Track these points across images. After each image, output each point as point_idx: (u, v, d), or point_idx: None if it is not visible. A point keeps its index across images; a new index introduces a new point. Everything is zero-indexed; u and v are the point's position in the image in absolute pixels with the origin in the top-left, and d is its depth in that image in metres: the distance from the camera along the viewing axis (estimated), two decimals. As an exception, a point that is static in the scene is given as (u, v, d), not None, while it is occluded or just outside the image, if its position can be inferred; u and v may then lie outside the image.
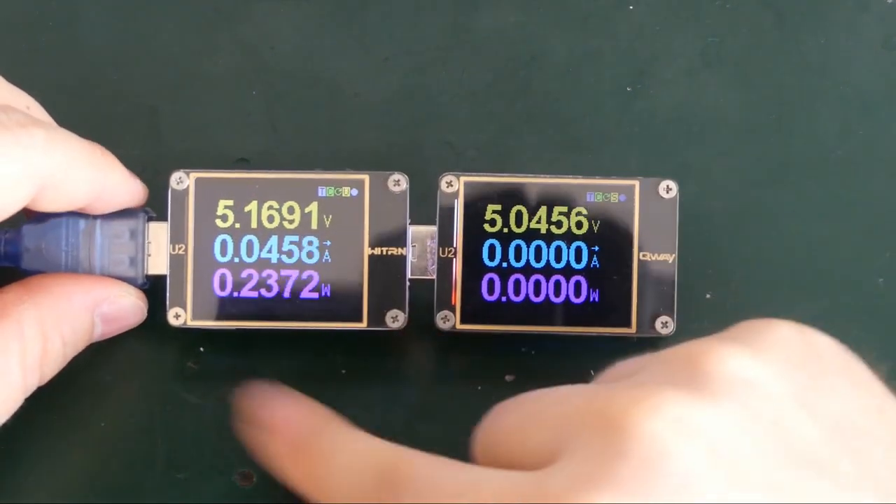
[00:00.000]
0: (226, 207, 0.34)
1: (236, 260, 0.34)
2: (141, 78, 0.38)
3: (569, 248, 0.34)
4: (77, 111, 0.35)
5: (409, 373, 0.35)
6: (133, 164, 0.34)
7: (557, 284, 0.34)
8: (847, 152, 0.38)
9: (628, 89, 0.38)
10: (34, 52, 0.38)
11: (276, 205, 0.34)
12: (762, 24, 0.39)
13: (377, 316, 0.34)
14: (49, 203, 0.32)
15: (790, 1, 0.39)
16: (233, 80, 0.38)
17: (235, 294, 0.34)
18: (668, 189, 0.34)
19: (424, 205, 0.35)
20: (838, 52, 0.39)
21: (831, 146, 0.38)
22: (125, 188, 0.34)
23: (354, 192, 0.34)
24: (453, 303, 0.34)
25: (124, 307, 0.34)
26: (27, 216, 0.34)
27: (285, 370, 0.35)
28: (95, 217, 0.34)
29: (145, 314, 0.34)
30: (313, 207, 0.34)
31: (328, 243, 0.34)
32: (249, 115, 0.38)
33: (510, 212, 0.34)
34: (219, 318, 0.34)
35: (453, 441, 0.34)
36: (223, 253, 0.34)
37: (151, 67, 0.38)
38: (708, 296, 0.36)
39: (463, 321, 0.34)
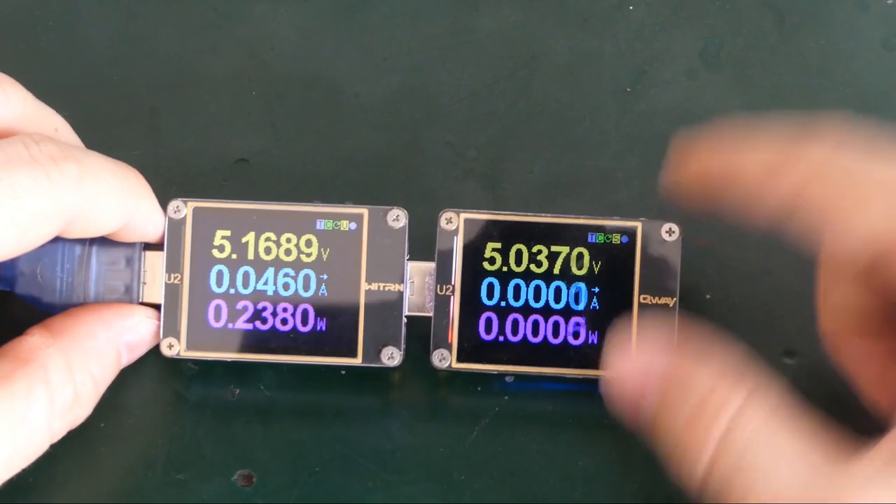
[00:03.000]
0: (223, 238, 0.34)
1: (232, 291, 0.34)
2: (141, 78, 0.38)
3: (568, 288, 0.34)
4: (77, 111, 0.35)
5: (410, 373, 0.35)
6: (133, 164, 0.34)
7: (556, 325, 0.34)
8: (847, 152, 0.38)
9: (628, 89, 0.38)
10: (34, 52, 0.38)
11: (273, 236, 0.34)
12: (762, 24, 0.39)
13: (372, 352, 0.34)
14: (77, 233, 0.32)
15: (790, 1, 0.39)
16: (233, 80, 0.38)
17: (230, 325, 0.34)
18: (671, 232, 0.34)
19: (422, 204, 0.35)
20: (838, 52, 0.39)
21: (831, 146, 0.38)
22: (152, 219, 0.33)
23: (353, 225, 0.34)
24: (450, 341, 0.34)
25: (146, 332, 0.34)
26: None
27: (286, 370, 0.35)
28: (92, 244, 0.34)
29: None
30: (311, 240, 0.34)
31: (325, 277, 0.34)
32: (249, 115, 0.38)
33: (510, 250, 0.34)
34: (212, 349, 0.34)
35: (455, 440, 0.34)
36: (219, 283, 0.34)
37: (151, 67, 0.38)
38: (708, 296, 0.36)
39: (459, 360, 0.34)
